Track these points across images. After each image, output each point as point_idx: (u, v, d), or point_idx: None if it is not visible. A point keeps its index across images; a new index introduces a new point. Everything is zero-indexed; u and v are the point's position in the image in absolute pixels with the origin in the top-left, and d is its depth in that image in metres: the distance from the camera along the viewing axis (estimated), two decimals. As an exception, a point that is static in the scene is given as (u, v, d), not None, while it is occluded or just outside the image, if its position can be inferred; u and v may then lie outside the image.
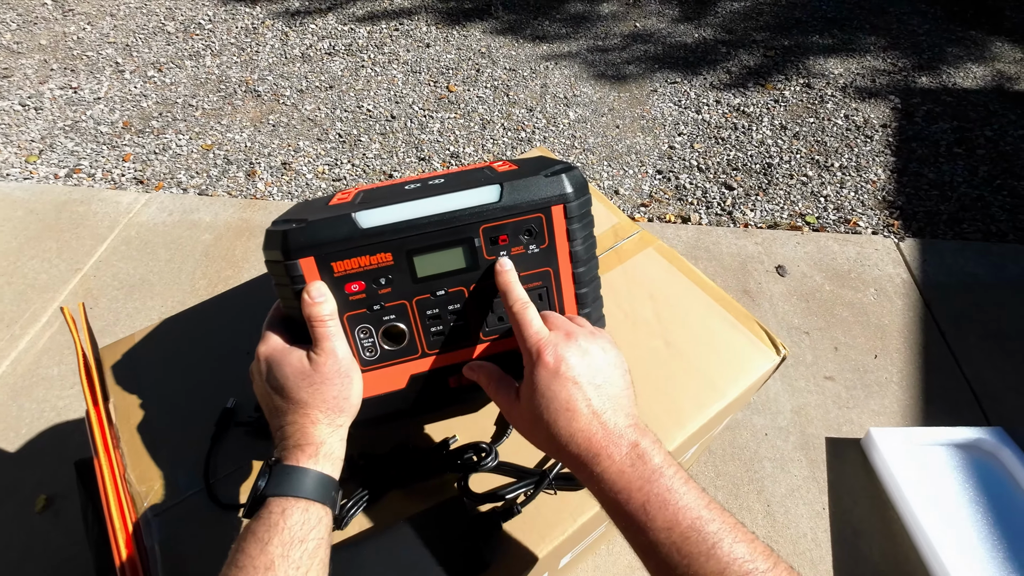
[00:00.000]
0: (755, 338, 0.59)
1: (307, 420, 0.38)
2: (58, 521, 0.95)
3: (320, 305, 0.40)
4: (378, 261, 0.40)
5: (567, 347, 0.38)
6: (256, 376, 0.42)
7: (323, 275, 0.40)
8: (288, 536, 0.34)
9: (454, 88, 1.97)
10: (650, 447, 0.35)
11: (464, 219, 0.40)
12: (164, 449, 0.51)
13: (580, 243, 0.43)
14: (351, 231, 0.39)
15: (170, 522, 0.47)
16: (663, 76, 2.04)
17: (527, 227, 0.41)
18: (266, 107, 1.89)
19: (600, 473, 0.34)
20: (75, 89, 1.93)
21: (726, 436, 1.04)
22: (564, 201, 0.41)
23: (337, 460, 0.39)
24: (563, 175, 0.41)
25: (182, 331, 0.61)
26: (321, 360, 0.39)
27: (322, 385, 0.39)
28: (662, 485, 0.33)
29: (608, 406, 0.36)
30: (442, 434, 0.51)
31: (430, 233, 0.40)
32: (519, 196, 0.40)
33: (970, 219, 1.50)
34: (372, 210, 0.40)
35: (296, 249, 0.39)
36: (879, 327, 1.22)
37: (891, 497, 0.95)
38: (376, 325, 0.42)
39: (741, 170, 1.67)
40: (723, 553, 0.31)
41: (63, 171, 1.64)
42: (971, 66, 2.04)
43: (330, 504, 0.37)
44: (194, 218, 1.47)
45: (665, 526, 0.32)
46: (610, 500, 0.34)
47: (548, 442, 0.37)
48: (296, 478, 0.36)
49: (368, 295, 0.41)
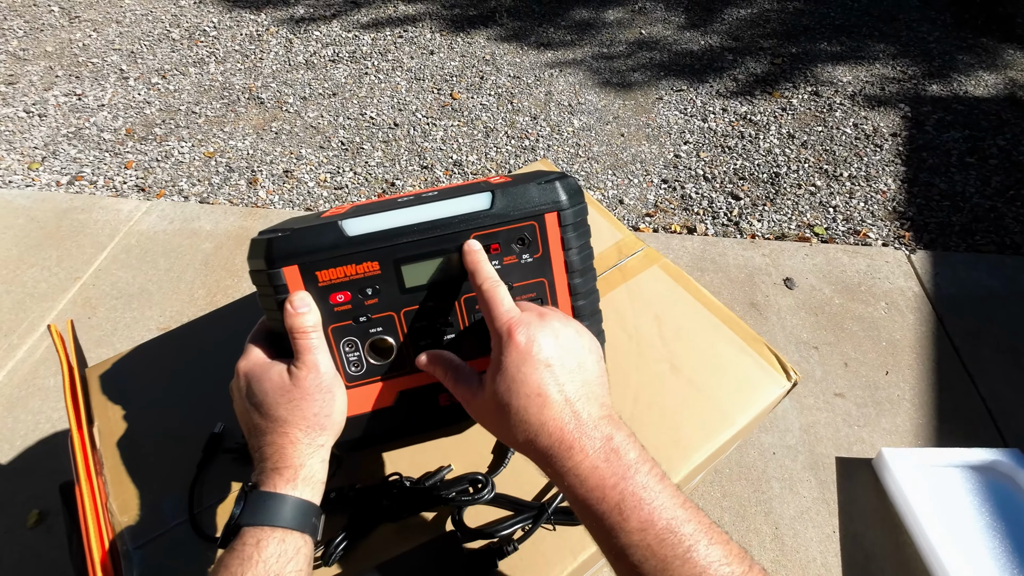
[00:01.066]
0: (765, 363, 0.57)
1: (286, 440, 0.36)
2: (50, 536, 0.93)
3: (303, 316, 0.38)
4: (364, 270, 0.38)
5: (540, 327, 0.35)
6: (236, 393, 0.40)
7: (307, 285, 0.38)
8: (263, 570, 0.32)
9: (458, 96, 1.96)
10: (624, 441, 0.33)
11: (454, 227, 0.38)
12: (149, 476, 0.49)
13: (576, 252, 0.41)
14: (337, 239, 0.38)
15: (152, 554, 0.45)
16: (669, 84, 2.02)
17: (520, 235, 0.39)
18: (269, 114, 1.88)
19: (572, 468, 0.32)
20: (79, 96, 1.93)
21: (733, 455, 1.01)
22: (558, 208, 0.39)
23: (318, 484, 0.37)
24: (557, 182, 0.40)
25: (171, 351, 0.59)
26: (302, 374, 0.37)
27: (302, 401, 0.36)
28: (637, 483, 0.31)
29: (582, 393, 0.34)
30: (436, 463, 0.49)
31: (419, 241, 0.38)
32: (511, 203, 0.39)
33: (983, 231, 1.47)
34: (359, 218, 0.38)
35: (280, 257, 0.37)
36: (890, 342, 1.19)
37: (904, 521, 0.91)
38: (362, 338, 0.40)
39: (748, 179, 1.64)
40: (699, 556, 0.29)
41: (65, 178, 1.64)
42: (982, 74, 2.01)
43: (310, 532, 0.35)
44: (195, 226, 1.46)
45: (639, 527, 0.30)
46: (580, 498, 0.32)
47: (514, 432, 0.34)
48: (272, 506, 0.34)
49: (354, 306, 0.39)
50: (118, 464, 0.50)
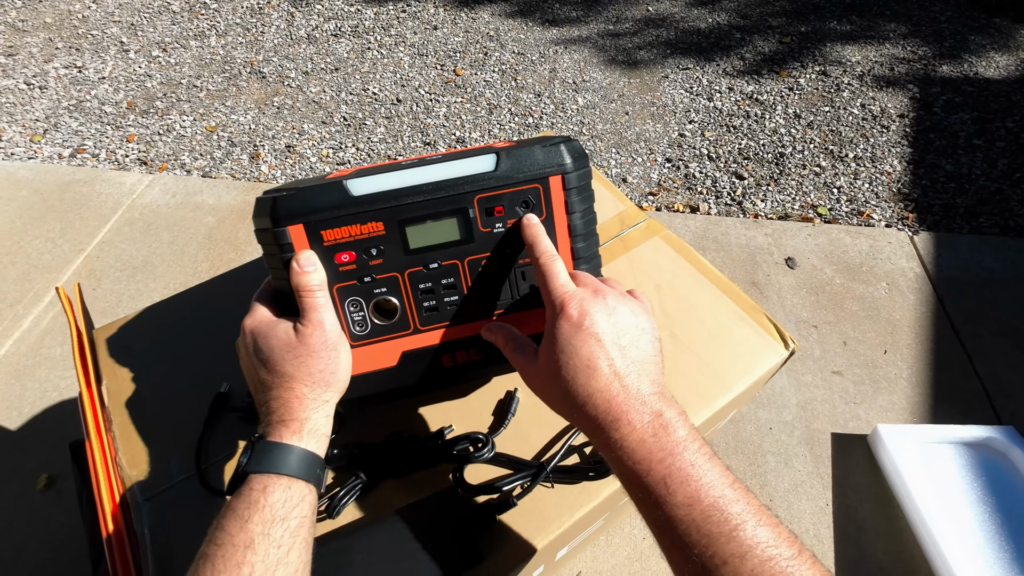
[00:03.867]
0: (763, 331, 0.57)
1: (292, 395, 0.37)
2: (60, 500, 0.95)
3: (309, 274, 0.38)
4: (369, 230, 0.39)
5: (593, 302, 0.36)
6: (242, 350, 0.41)
7: (313, 244, 0.39)
8: (269, 514, 0.33)
9: (461, 72, 1.94)
10: (675, 418, 0.33)
11: (458, 188, 0.39)
12: (156, 433, 0.50)
13: (579, 216, 0.41)
14: (342, 198, 0.38)
15: (161, 507, 0.46)
16: (675, 62, 1.99)
17: (524, 198, 0.40)
18: (271, 89, 1.86)
19: (619, 440, 0.32)
20: (80, 68, 1.91)
21: (730, 430, 1.03)
22: (562, 171, 0.40)
23: (323, 437, 0.38)
24: (561, 145, 0.40)
25: (178, 313, 0.60)
26: (308, 331, 0.38)
27: (308, 358, 0.37)
28: (685, 459, 0.31)
29: (632, 369, 0.34)
30: (438, 423, 0.50)
31: (423, 202, 0.39)
32: (515, 165, 0.39)
33: (988, 213, 1.46)
34: (364, 178, 0.39)
35: (285, 216, 0.38)
36: (890, 322, 1.20)
37: (897, 494, 0.93)
38: (367, 298, 0.41)
39: (752, 159, 1.63)
40: (746, 536, 0.29)
41: (67, 151, 1.63)
42: (994, 55, 1.97)
43: (314, 482, 0.36)
44: (197, 200, 1.46)
45: (685, 502, 0.30)
46: (627, 470, 0.32)
47: (564, 402, 0.35)
48: (279, 455, 0.35)
49: (359, 266, 0.40)
50: (126, 422, 0.51)
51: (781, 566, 0.28)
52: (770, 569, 0.28)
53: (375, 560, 0.42)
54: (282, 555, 0.32)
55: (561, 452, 0.47)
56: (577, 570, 0.86)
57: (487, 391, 0.52)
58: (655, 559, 0.87)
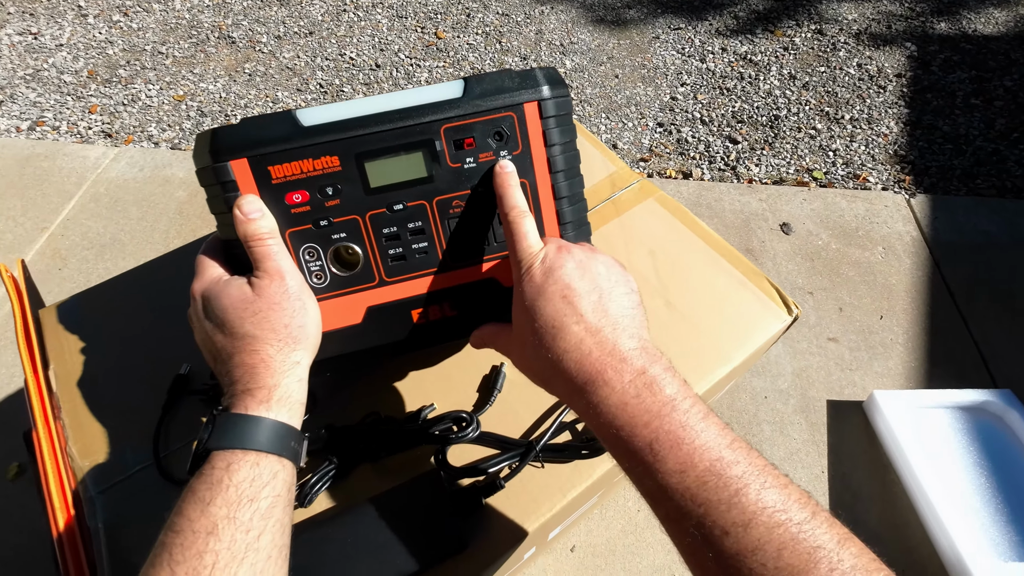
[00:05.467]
0: (765, 296, 0.54)
1: (256, 359, 0.32)
2: (32, 488, 0.91)
3: (256, 221, 0.34)
4: (323, 165, 0.34)
5: (558, 258, 0.32)
6: (194, 319, 0.36)
7: (259, 182, 0.34)
8: (234, 495, 0.29)
9: (443, 34, 1.84)
10: (660, 374, 0.29)
11: (422, 116, 0.34)
12: (110, 420, 0.46)
13: (559, 150, 0.37)
14: (291, 129, 0.34)
15: (116, 500, 0.42)
16: (666, 22, 1.91)
17: (496, 128, 0.35)
18: (241, 55, 1.76)
19: (597, 404, 0.29)
20: (35, 35, 1.79)
21: (724, 399, 1.01)
22: (538, 97, 0.36)
23: (296, 405, 0.33)
24: (536, 70, 0.36)
25: (132, 290, 0.55)
26: (264, 283, 0.33)
27: (269, 312, 0.33)
28: (674, 420, 0.27)
29: (605, 323, 0.30)
30: (418, 402, 0.46)
31: (383, 133, 0.34)
32: (486, 91, 0.35)
33: (985, 174, 1.43)
34: (317, 107, 0.34)
35: (227, 148, 0.33)
36: (886, 287, 1.18)
37: (892, 460, 0.92)
38: (324, 245, 0.36)
39: (746, 123, 1.58)
40: (748, 501, 0.25)
41: (25, 124, 1.54)
42: (992, 11, 1.91)
43: (289, 455, 0.31)
44: (167, 174, 1.38)
45: (677, 468, 0.27)
46: (611, 437, 0.29)
47: (537, 371, 0.32)
48: (243, 428, 0.30)
49: (313, 207, 0.35)
50: (78, 408, 0.47)
51: (791, 532, 0.25)
52: (778, 537, 0.25)
53: (351, 551, 0.38)
54: (251, 540, 0.28)
55: (551, 430, 0.44)
56: (571, 544, 0.85)
57: (471, 366, 0.49)
58: (650, 531, 0.86)
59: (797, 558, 0.24)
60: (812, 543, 0.24)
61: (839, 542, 0.25)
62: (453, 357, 0.49)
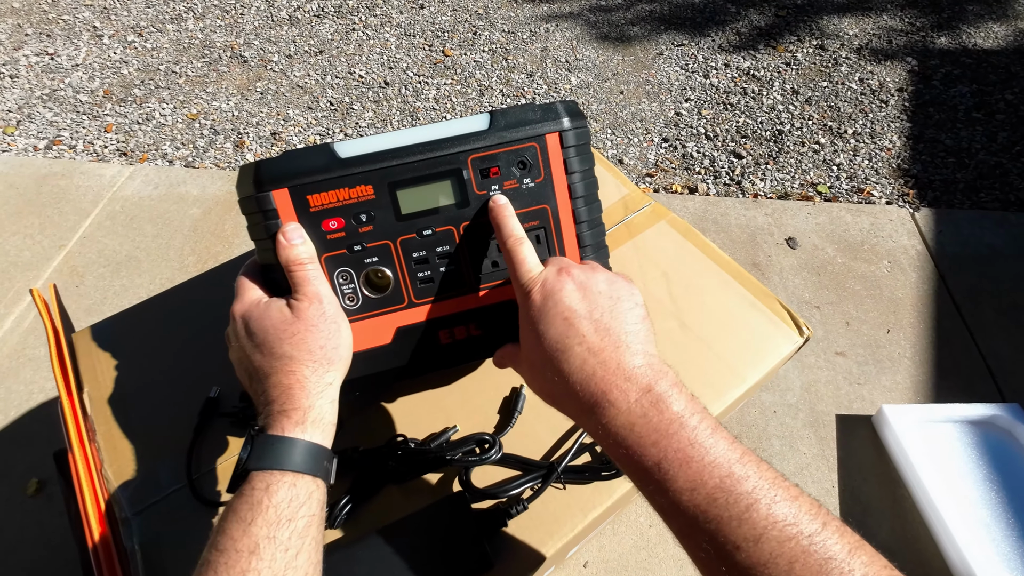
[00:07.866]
0: (776, 318, 0.55)
1: (292, 379, 0.34)
2: (51, 504, 0.93)
3: (297, 247, 0.36)
4: (358, 194, 0.37)
5: (557, 280, 0.33)
6: (232, 339, 0.38)
7: (298, 211, 0.37)
8: (274, 515, 0.30)
9: (450, 52, 1.88)
10: (667, 391, 0.29)
11: (451, 148, 0.37)
12: (144, 442, 0.48)
13: (579, 177, 0.39)
14: (329, 161, 0.36)
15: (151, 521, 0.43)
16: (669, 38, 1.94)
17: (520, 158, 0.38)
18: (253, 74, 1.80)
19: (606, 424, 0.29)
20: (52, 56, 1.84)
21: (734, 415, 1.02)
22: (559, 128, 0.38)
23: (328, 426, 0.35)
24: (557, 103, 0.39)
25: (162, 314, 0.57)
26: (303, 306, 0.35)
27: (306, 334, 0.34)
28: (682, 438, 0.28)
29: (608, 342, 0.31)
30: (441, 424, 0.48)
31: (414, 164, 0.37)
32: (510, 123, 0.37)
33: (988, 187, 1.45)
34: (353, 140, 0.37)
35: (269, 180, 0.36)
36: (892, 301, 1.19)
37: (902, 475, 0.92)
38: (357, 268, 0.38)
39: (751, 137, 1.60)
40: (759, 516, 0.26)
41: (42, 143, 1.57)
42: (992, 25, 1.94)
43: (322, 475, 0.33)
44: (181, 191, 1.41)
45: (688, 487, 0.27)
46: (620, 456, 0.29)
47: (548, 391, 0.33)
48: (281, 449, 0.32)
49: (348, 234, 0.38)
50: (112, 430, 0.48)
51: (803, 545, 0.25)
52: (789, 551, 0.25)
53: (379, 571, 0.39)
54: (290, 559, 0.30)
55: (572, 451, 0.45)
56: (583, 560, 0.85)
57: (492, 388, 0.50)
58: (662, 546, 0.86)
59: (808, 571, 0.25)
60: (823, 555, 0.25)
61: (850, 551, 0.26)
62: (474, 380, 0.50)
